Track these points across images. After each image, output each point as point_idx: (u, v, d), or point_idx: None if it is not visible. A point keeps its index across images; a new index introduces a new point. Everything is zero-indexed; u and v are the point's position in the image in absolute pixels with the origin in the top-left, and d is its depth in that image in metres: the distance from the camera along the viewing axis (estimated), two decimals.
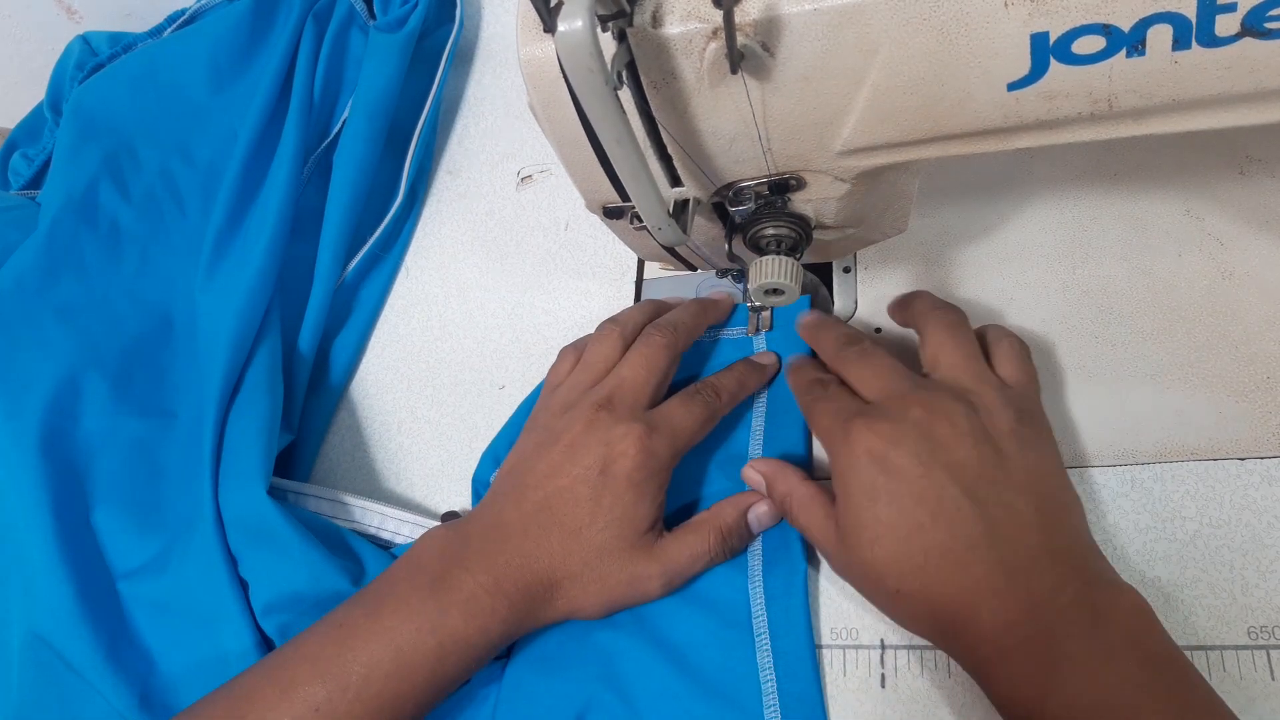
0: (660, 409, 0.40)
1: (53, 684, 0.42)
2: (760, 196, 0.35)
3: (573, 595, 0.38)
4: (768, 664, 0.37)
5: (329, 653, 0.36)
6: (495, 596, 0.37)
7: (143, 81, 0.61)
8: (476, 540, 0.39)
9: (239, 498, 0.45)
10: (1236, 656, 0.34)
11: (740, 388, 0.43)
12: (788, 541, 0.40)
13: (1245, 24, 0.26)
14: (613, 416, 0.39)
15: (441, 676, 0.36)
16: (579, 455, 0.38)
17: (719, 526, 0.39)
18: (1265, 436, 0.38)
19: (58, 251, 0.53)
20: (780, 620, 0.38)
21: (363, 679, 0.35)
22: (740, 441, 0.43)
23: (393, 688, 0.35)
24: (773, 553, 0.40)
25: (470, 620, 0.36)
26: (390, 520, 0.46)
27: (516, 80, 0.51)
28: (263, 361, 0.50)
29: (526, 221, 0.57)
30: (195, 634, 0.43)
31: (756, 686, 0.37)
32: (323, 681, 0.35)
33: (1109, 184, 0.46)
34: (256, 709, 0.35)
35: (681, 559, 0.38)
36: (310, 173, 0.58)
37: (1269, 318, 0.40)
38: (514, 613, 0.37)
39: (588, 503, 0.38)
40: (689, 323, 0.44)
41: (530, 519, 0.39)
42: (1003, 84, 0.29)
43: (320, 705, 0.35)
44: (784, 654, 0.37)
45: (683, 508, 0.42)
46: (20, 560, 0.44)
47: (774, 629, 0.38)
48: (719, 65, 0.30)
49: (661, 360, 0.42)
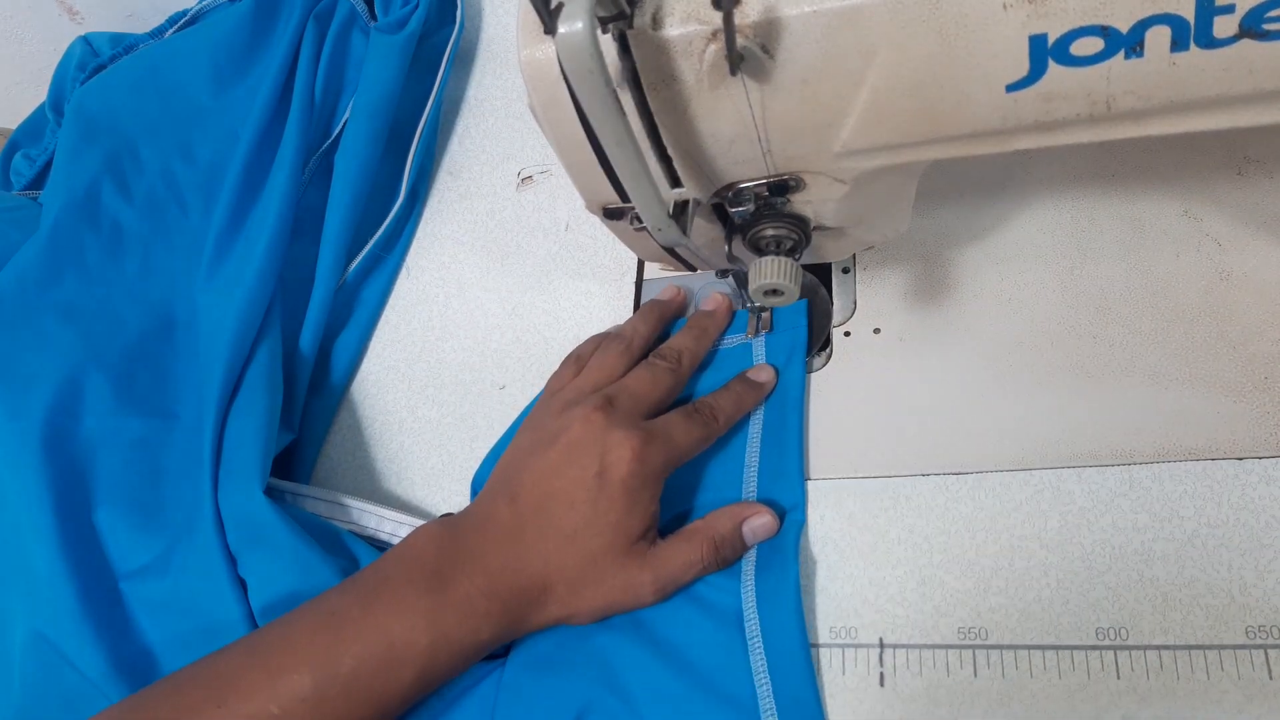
0: (658, 420, 0.40)
1: (55, 682, 0.42)
2: (760, 198, 0.35)
3: (566, 600, 0.38)
4: (761, 667, 0.37)
5: (320, 642, 0.36)
6: (490, 599, 0.37)
7: (144, 82, 0.61)
8: (471, 538, 0.39)
9: (236, 498, 0.45)
10: (1235, 656, 0.34)
11: (737, 409, 0.43)
12: (780, 544, 0.40)
13: (1243, 25, 0.26)
14: (610, 420, 0.39)
15: (429, 675, 0.36)
16: (576, 456, 0.38)
17: (712, 536, 0.39)
18: (1263, 436, 0.38)
19: (60, 252, 0.53)
20: (772, 622, 0.38)
21: (352, 672, 0.35)
22: (737, 451, 0.43)
23: (380, 683, 0.35)
24: (765, 555, 0.40)
25: (464, 622, 0.36)
26: (388, 522, 0.46)
27: (517, 81, 0.52)
28: (262, 361, 0.50)
29: (527, 222, 0.57)
30: (196, 634, 0.43)
31: (751, 686, 0.37)
32: (311, 671, 0.35)
33: (1107, 185, 0.46)
34: (240, 693, 0.34)
35: (674, 567, 0.39)
36: (311, 173, 0.59)
37: (1267, 318, 0.40)
38: (506, 616, 0.37)
39: (584, 506, 0.38)
40: (694, 349, 0.45)
41: (526, 520, 0.39)
42: (1001, 85, 0.29)
43: (307, 695, 0.34)
44: (777, 655, 0.37)
45: (677, 516, 0.42)
46: (22, 559, 0.44)
47: (766, 630, 0.38)
48: (718, 67, 0.30)
49: (666, 381, 0.42)
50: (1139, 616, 0.35)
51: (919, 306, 0.45)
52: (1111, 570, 0.36)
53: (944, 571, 0.38)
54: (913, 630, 0.37)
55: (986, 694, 0.35)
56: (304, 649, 0.36)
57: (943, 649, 0.36)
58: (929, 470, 0.41)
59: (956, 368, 0.43)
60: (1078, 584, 0.36)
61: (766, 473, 0.42)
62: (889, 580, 0.39)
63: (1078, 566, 0.37)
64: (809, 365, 0.45)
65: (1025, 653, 0.36)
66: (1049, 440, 0.40)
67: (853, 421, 0.43)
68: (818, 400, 0.44)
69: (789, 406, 0.43)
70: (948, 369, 0.43)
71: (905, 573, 0.38)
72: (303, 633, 0.36)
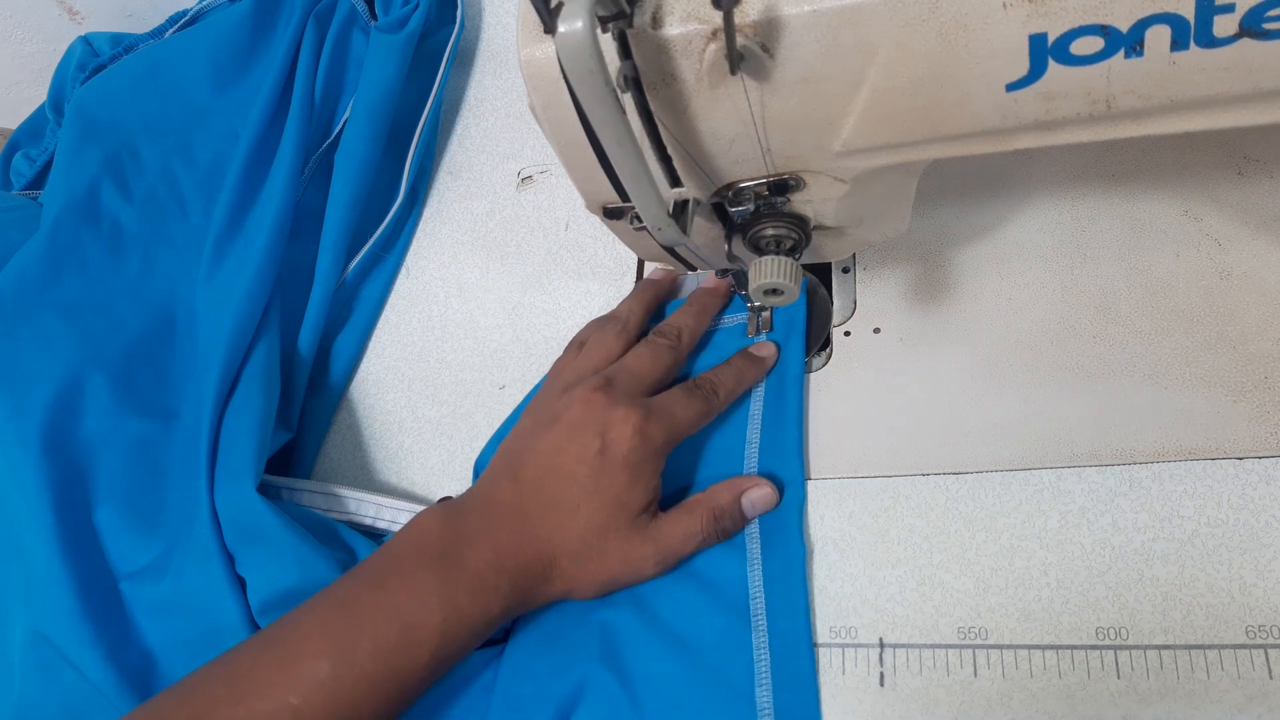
0: (659, 397, 0.41)
1: (54, 682, 0.42)
2: (760, 197, 0.35)
3: (570, 574, 0.38)
4: (763, 645, 0.37)
5: (334, 627, 0.36)
6: (499, 574, 0.37)
7: (144, 82, 0.61)
8: (475, 517, 0.39)
9: (231, 496, 0.45)
10: (1235, 655, 0.34)
11: (738, 383, 0.43)
12: (786, 524, 0.40)
13: (1243, 25, 0.26)
14: (610, 399, 0.39)
15: (443, 652, 0.36)
16: (578, 435, 0.39)
17: (712, 508, 0.39)
18: (1263, 436, 0.38)
19: (60, 251, 0.53)
20: (779, 603, 0.38)
21: (369, 654, 0.35)
22: (738, 428, 0.43)
23: (397, 663, 0.35)
24: (770, 535, 0.40)
25: (475, 598, 0.37)
26: (386, 510, 0.47)
27: (517, 81, 0.52)
28: (259, 360, 0.50)
29: (527, 222, 0.57)
30: (196, 635, 0.43)
31: (749, 667, 0.37)
32: (328, 656, 0.35)
33: (1107, 184, 0.46)
34: (257, 688, 0.34)
35: (675, 539, 0.39)
36: (311, 173, 0.59)
37: (1267, 317, 0.40)
38: (515, 590, 0.38)
39: (586, 481, 0.38)
40: (693, 326, 0.45)
41: (529, 497, 0.39)
42: (1001, 85, 0.29)
43: (325, 680, 0.34)
44: (781, 636, 0.37)
45: (678, 491, 0.42)
46: (22, 559, 0.44)
47: (771, 611, 0.38)
48: (718, 66, 0.30)
49: (666, 358, 0.42)
50: (1139, 616, 0.35)
51: (919, 306, 0.45)
52: (1111, 570, 0.36)
53: (944, 571, 0.38)
54: (913, 630, 0.37)
55: (986, 694, 0.35)
56: (319, 636, 0.35)
57: (943, 649, 0.36)
58: (929, 470, 0.41)
59: (956, 367, 0.43)
60: (1078, 584, 0.36)
61: (767, 449, 0.42)
62: (889, 580, 0.39)
63: (1078, 566, 0.37)
64: (809, 365, 0.45)
65: (1025, 652, 0.36)
66: (1049, 440, 0.40)
67: (853, 421, 0.43)
68: (818, 400, 0.44)
69: (790, 391, 0.43)
70: (948, 369, 0.43)
71: (905, 572, 0.38)
72: (316, 621, 0.36)
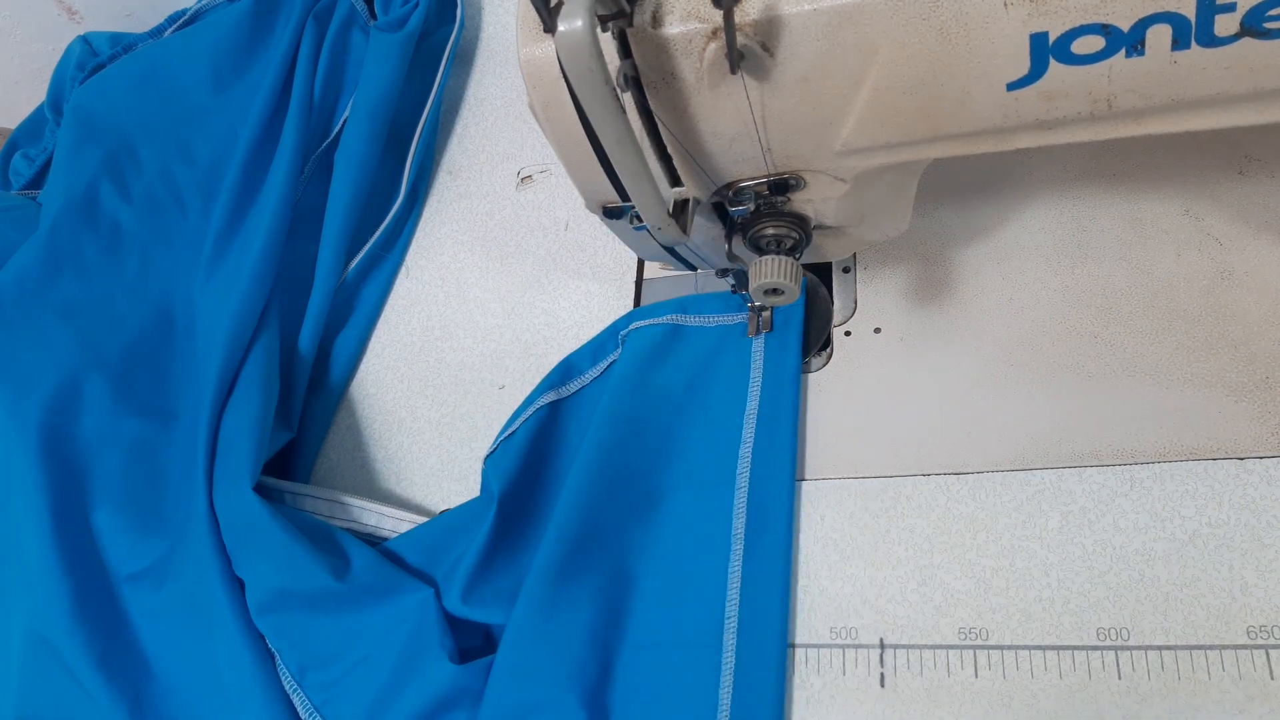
0: None
1: (52, 682, 0.42)
2: (760, 196, 0.35)
3: None
4: (731, 645, 0.37)
5: None
6: None
7: (143, 82, 0.61)
8: None
9: (228, 496, 0.45)
10: (1235, 656, 0.34)
11: None
12: (772, 525, 0.40)
13: (1244, 24, 0.26)
14: None
15: None
16: None
17: None
18: (1264, 436, 0.38)
19: (59, 251, 0.53)
20: (753, 604, 0.38)
21: None
22: (734, 426, 0.43)
23: None
24: (754, 536, 0.40)
25: None
26: (388, 519, 0.46)
27: (517, 80, 0.51)
28: (258, 360, 0.50)
29: (526, 221, 0.57)
30: (190, 638, 0.43)
31: (716, 667, 0.37)
32: None
33: (1108, 184, 0.46)
34: None
35: None
36: (311, 173, 0.59)
37: (1268, 317, 0.40)
38: None
39: None
40: None
41: None
42: (1002, 84, 0.29)
43: None
44: (750, 637, 0.38)
45: (674, 488, 0.42)
46: (21, 559, 0.44)
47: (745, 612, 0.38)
48: (719, 65, 0.30)
49: None
50: (1140, 616, 0.35)
51: (920, 306, 0.45)
52: (1112, 570, 0.36)
53: (944, 571, 0.38)
54: (913, 630, 0.37)
55: (987, 694, 0.35)
56: None
57: (943, 649, 0.36)
58: (929, 470, 0.40)
59: (957, 367, 0.43)
60: (1078, 584, 0.36)
61: (761, 448, 0.42)
62: (889, 580, 0.38)
63: (1078, 566, 0.37)
64: (809, 365, 0.45)
65: (1026, 653, 0.35)
66: (1049, 440, 0.40)
67: (853, 421, 0.43)
68: (818, 400, 0.44)
69: (783, 412, 0.43)
70: (948, 368, 0.43)
71: (905, 573, 0.38)
72: None
